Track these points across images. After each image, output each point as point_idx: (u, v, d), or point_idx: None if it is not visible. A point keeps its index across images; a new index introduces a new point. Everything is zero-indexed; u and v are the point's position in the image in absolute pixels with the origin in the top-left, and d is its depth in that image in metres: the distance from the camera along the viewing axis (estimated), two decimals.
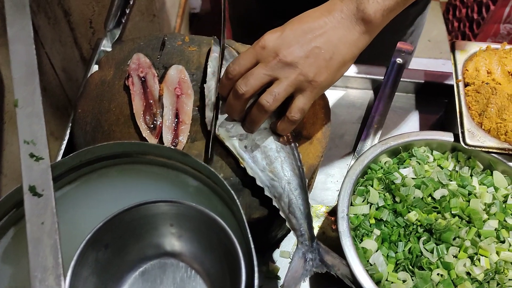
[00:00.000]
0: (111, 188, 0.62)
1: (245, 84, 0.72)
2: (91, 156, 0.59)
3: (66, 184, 0.60)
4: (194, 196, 0.62)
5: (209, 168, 0.57)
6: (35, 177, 0.55)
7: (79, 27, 1.17)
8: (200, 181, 0.60)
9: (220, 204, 0.60)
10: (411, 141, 0.88)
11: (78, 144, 0.83)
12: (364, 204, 0.82)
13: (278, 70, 0.71)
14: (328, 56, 0.71)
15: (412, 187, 0.82)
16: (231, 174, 0.81)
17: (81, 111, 0.86)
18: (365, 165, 0.84)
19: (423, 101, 1.08)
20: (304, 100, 0.73)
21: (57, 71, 1.11)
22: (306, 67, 0.71)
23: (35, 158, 0.56)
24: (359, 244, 0.79)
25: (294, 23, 0.73)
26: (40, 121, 0.59)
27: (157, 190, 0.62)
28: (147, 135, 0.83)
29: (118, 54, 0.93)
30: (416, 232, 0.79)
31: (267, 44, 0.72)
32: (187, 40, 0.95)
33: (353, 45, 0.72)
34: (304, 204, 0.76)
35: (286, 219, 0.74)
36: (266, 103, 0.71)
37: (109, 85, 0.89)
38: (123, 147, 0.59)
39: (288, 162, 0.78)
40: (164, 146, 0.58)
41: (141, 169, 0.62)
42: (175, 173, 0.61)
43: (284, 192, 0.76)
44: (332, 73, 0.73)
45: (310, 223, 0.75)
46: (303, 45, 0.71)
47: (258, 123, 0.76)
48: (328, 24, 0.72)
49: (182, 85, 0.87)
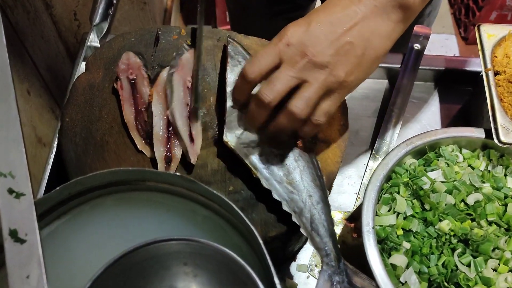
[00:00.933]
0: (107, 220, 0.53)
1: (270, 90, 0.62)
2: (82, 187, 0.50)
3: (54, 220, 0.51)
4: (204, 226, 0.53)
5: (221, 198, 0.49)
6: (16, 218, 0.46)
7: (62, 20, 1.06)
8: (210, 210, 0.52)
9: (235, 235, 0.51)
10: (438, 139, 0.79)
11: (68, 158, 0.74)
12: (390, 214, 0.74)
13: (307, 72, 0.62)
14: (360, 52, 0.63)
15: (443, 193, 0.73)
16: (242, 186, 0.72)
17: (69, 120, 0.77)
18: (389, 169, 0.75)
19: (443, 90, 0.99)
20: (331, 102, 0.64)
21: (41, 71, 1.01)
22: (338, 67, 0.62)
23: (15, 195, 0.47)
24: (387, 259, 0.71)
25: (320, 14, 0.64)
26: (19, 147, 0.50)
27: (160, 221, 0.54)
28: (143, 147, 0.74)
29: (106, 53, 0.83)
30: (449, 244, 0.72)
31: (292, 41, 0.62)
32: (183, 33, 0.85)
33: (387, 37, 0.64)
34: (328, 219, 0.67)
35: (308, 237, 0.66)
36: (298, 109, 0.62)
37: (98, 88, 0.80)
38: (118, 175, 0.50)
39: (308, 171, 0.69)
40: (166, 172, 0.49)
41: (141, 197, 0.53)
42: (181, 201, 0.52)
43: (305, 207, 0.67)
44: (364, 71, 0.64)
45: (335, 241, 0.66)
46: (333, 41, 0.62)
47: (286, 132, 0.67)
48: (358, 13, 0.62)
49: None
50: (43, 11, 1.00)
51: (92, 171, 0.73)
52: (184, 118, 0.73)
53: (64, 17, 1.07)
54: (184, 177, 0.49)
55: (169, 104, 0.74)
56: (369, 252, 0.68)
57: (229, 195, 0.71)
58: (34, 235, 0.46)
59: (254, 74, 0.64)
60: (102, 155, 0.75)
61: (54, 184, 0.79)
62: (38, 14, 0.98)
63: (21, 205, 0.47)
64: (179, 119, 0.72)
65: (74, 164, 0.74)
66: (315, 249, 0.66)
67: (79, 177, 0.72)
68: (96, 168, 0.73)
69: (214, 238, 0.51)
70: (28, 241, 0.45)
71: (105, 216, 0.53)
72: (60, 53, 1.09)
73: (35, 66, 0.98)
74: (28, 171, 0.49)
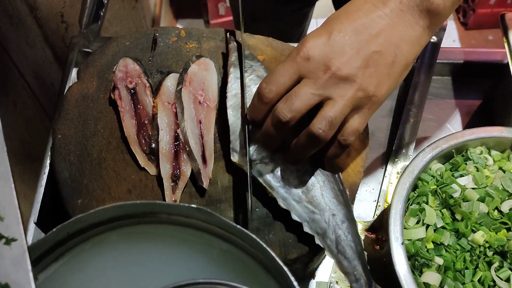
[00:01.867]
0: (112, 259, 0.46)
1: (289, 109, 0.55)
2: (82, 225, 0.44)
3: (51, 263, 0.44)
4: (222, 261, 0.46)
5: (245, 232, 0.42)
6: (8, 269, 0.39)
7: (48, 23, 0.99)
8: (230, 243, 0.45)
9: (261, 272, 0.45)
10: (465, 141, 0.72)
11: (62, 179, 0.67)
12: (419, 227, 0.67)
13: (331, 88, 0.55)
14: (390, 61, 0.56)
15: (476, 201, 0.67)
16: (256, 204, 0.65)
17: (62, 137, 0.70)
18: (415, 177, 0.69)
19: (461, 85, 0.93)
20: (361, 119, 0.58)
21: (27, 79, 0.93)
22: (366, 80, 0.56)
23: (4, 241, 0.40)
24: (419, 278, 0.65)
25: (342, 20, 0.57)
26: (7, 183, 0.43)
27: (172, 257, 0.47)
28: (146, 164, 0.67)
29: (99, 59, 0.76)
30: (485, 257, 0.66)
31: (313, 54, 0.56)
32: (183, 35, 0.78)
33: (416, 43, 0.58)
34: (356, 240, 0.61)
35: (334, 260, 0.60)
36: (321, 132, 0.55)
37: (92, 100, 0.72)
38: (123, 210, 0.43)
39: (329, 186, 0.63)
40: (180, 205, 0.42)
41: (150, 231, 0.46)
42: (195, 233, 0.46)
43: (329, 227, 0.61)
44: (394, 81, 0.58)
45: (365, 264, 0.60)
46: (359, 51, 0.56)
47: (307, 156, 0.60)
48: (384, 18, 0.56)
49: None
50: (27, 14, 0.92)
51: (89, 192, 0.67)
52: (197, 137, 0.66)
53: (50, 20, 0.99)
54: (202, 209, 0.42)
55: (179, 123, 0.67)
56: (400, 271, 0.62)
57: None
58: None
59: (271, 94, 0.57)
60: (99, 174, 0.68)
61: (47, 207, 0.73)
62: (22, 18, 0.90)
63: (12, 252, 0.40)
64: (191, 138, 0.65)
65: (69, 185, 0.67)
66: (343, 273, 0.60)
67: (75, 200, 0.66)
68: (94, 189, 0.67)
69: (235, 275, 0.45)
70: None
71: (109, 254, 0.46)
72: (47, 58, 1.01)
73: (20, 74, 0.91)
74: (19, 212, 0.42)
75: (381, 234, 0.78)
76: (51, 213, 0.75)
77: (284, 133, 0.58)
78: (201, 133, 0.67)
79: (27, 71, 0.93)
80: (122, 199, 0.66)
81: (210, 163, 0.66)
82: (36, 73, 0.97)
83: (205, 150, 0.66)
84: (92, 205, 0.66)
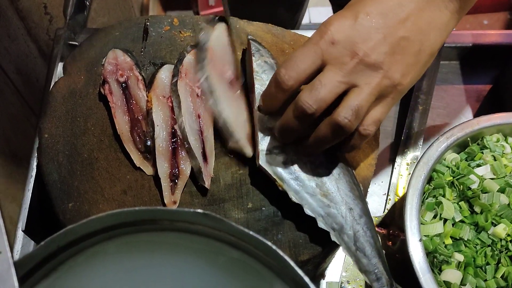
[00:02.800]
0: (109, 272, 0.41)
1: (314, 98, 0.51)
2: (75, 236, 0.38)
3: (40, 280, 0.39)
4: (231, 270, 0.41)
5: (259, 239, 0.37)
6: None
7: (31, 15, 0.93)
8: (241, 251, 0.40)
9: (277, 282, 0.40)
10: (481, 128, 0.68)
11: (51, 182, 0.62)
12: (436, 221, 0.63)
13: (358, 75, 0.51)
14: (417, 48, 0.52)
15: (496, 192, 0.63)
16: (262, 202, 0.61)
17: (49, 136, 0.64)
18: (430, 168, 0.65)
19: (470, 70, 0.88)
20: (383, 109, 0.54)
21: (10, 75, 0.88)
22: (393, 67, 0.52)
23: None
24: (438, 276, 0.60)
25: (367, 3, 0.52)
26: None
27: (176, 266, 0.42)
28: (141, 163, 0.62)
29: (87, 52, 0.70)
30: (507, 251, 0.62)
31: (338, 38, 0.51)
32: (176, 23, 0.73)
33: (443, 29, 0.54)
34: (374, 236, 0.57)
35: (352, 258, 0.56)
36: (347, 121, 0.51)
37: (81, 95, 0.67)
38: (121, 218, 0.38)
39: (345, 180, 0.59)
40: (185, 210, 0.38)
41: (151, 240, 0.41)
42: (201, 240, 0.41)
43: (346, 222, 0.56)
44: (419, 69, 0.54)
45: (385, 262, 0.57)
46: (387, 36, 0.51)
47: (326, 148, 0.56)
48: (412, 2, 0.52)
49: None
50: (7, 6, 0.86)
51: (81, 195, 0.62)
52: (196, 133, 0.61)
53: (33, 11, 0.93)
54: (210, 215, 0.37)
55: (176, 118, 0.62)
56: (420, 270, 0.58)
57: (248, 214, 0.60)
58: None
59: (291, 80, 0.52)
60: (91, 175, 0.62)
61: (36, 212, 0.68)
62: (2, 10, 0.84)
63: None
64: (191, 135, 0.60)
65: (58, 188, 0.62)
66: (361, 272, 0.56)
67: (65, 204, 0.61)
68: (86, 191, 0.61)
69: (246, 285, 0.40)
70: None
71: (106, 267, 0.41)
72: (31, 53, 0.95)
73: (2, 70, 0.85)
74: (2, 221, 0.37)
75: (392, 229, 0.74)
76: (41, 217, 0.70)
77: (307, 125, 0.54)
78: (201, 128, 0.62)
79: (10, 66, 0.87)
80: (117, 200, 0.61)
81: (211, 160, 0.61)
82: (20, 69, 0.91)
83: (205, 147, 0.61)
84: (84, 208, 0.61)
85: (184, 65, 0.66)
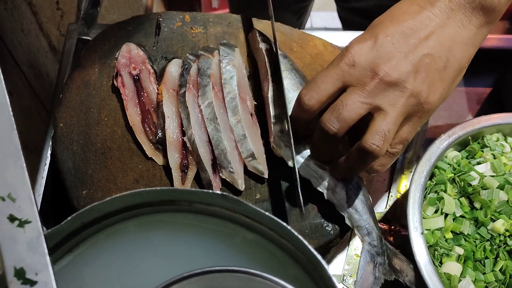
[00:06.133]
0: (129, 249, 0.43)
1: (336, 119, 0.51)
2: (98, 214, 0.40)
3: (65, 254, 0.41)
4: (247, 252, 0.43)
5: (275, 219, 0.39)
6: (22, 253, 0.36)
7: (43, 10, 0.95)
8: (257, 233, 0.42)
9: (292, 266, 0.42)
10: (481, 128, 0.71)
11: (66, 169, 0.64)
12: (437, 216, 0.65)
13: (380, 96, 0.51)
14: (441, 65, 0.52)
15: (495, 189, 0.65)
16: (270, 193, 0.63)
17: (64, 126, 0.66)
18: (433, 165, 0.67)
19: (471, 72, 0.89)
20: (410, 129, 0.54)
21: (23, 68, 0.89)
22: (418, 86, 0.51)
23: (18, 223, 0.37)
24: (439, 268, 0.62)
25: (387, 24, 0.53)
26: (18, 162, 0.40)
27: (192, 246, 0.44)
28: (153, 153, 0.64)
29: (101, 45, 0.72)
30: (505, 246, 0.64)
31: (359, 60, 0.52)
32: (188, 19, 0.75)
33: (469, 44, 0.54)
34: (366, 195, 0.61)
35: (345, 215, 0.60)
36: (375, 147, 0.51)
37: (95, 87, 0.69)
38: (142, 197, 0.40)
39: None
40: (204, 191, 0.40)
41: (168, 220, 0.43)
42: (218, 222, 0.43)
43: (338, 182, 0.60)
44: (447, 86, 0.54)
45: (375, 218, 0.61)
46: (409, 55, 0.51)
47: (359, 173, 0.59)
48: (433, 20, 0.52)
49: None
50: (21, 0, 0.88)
51: (94, 183, 0.64)
52: (206, 144, 0.62)
53: (45, 7, 0.95)
54: (229, 197, 0.39)
55: (185, 130, 0.63)
56: (421, 262, 0.60)
57: (257, 205, 0.62)
58: (46, 273, 0.36)
59: (312, 101, 0.53)
60: (104, 164, 0.64)
61: (49, 201, 0.69)
62: (16, 4, 0.86)
63: (26, 235, 0.37)
64: (201, 147, 0.61)
65: (73, 176, 0.64)
66: (354, 228, 0.60)
67: (79, 191, 0.63)
68: (99, 179, 0.63)
69: (263, 267, 0.42)
70: (40, 282, 0.36)
71: (126, 244, 0.43)
72: (42, 47, 0.97)
73: (16, 63, 0.87)
74: (32, 192, 0.39)
75: (394, 225, 0.76)
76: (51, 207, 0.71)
77: (335, 145, 0.55)
78: (210, 139, 0.63)
79: (23, 60, 0.89)
80: (129, 189, 0.63)
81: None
82: (31, 62, 0.93)
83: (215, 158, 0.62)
84: (98, 196, 0.62)
85: (191, 76, 0.67)
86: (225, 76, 0.65)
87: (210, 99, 0.64)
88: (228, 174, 0.61)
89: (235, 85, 0.65)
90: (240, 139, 0.62)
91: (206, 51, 0.70)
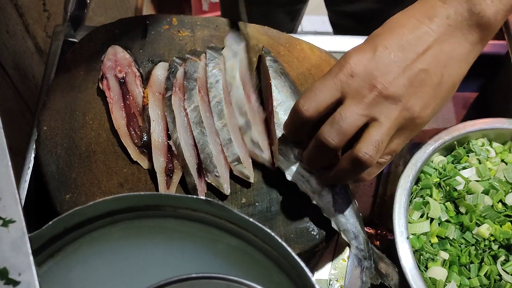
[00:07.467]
0: (112, 254, 0.43)
1: (336, 132, 0.51)
2: (81, 218, 0.40)
3: (46, 259, 0.41)
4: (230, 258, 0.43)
5: (259, 226, 0.39)
6: (6, 253, 0.36)
7: (29, 12, 0.94)
8: (241, 239, 0.42)
9: (277, 272, 0.42)
10: (467, 133, 0.71)
11: (49, 173, 0.63)
12: (423, 220, 0.65)
13: (377, 108, 0.51)
14: (436, 81, 0.53)
15: (480, 194, 0.65)
16: (256, 198, 0.62)
17: (47, 129, 0.65)
18: (418, 169, 0.67)
19: None
20: (400, 141, 0.54)
21: (8, 70, 0.88)
22: (412, 100, 0.52)
23: (1, 222, 0.37)
24: (425, 273, 0.63)
25: (386, 36, 0.53)
26: (3, 161, 0.40)
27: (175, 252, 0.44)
28: (138, 157, 0.63)
29: (87, 48, 0.72)
30: (490, 250, 0.64)
31: (357, 70, 0.52)
32: (175, 23, 0.75)
33: (463, 61, 0.54)
34: (352, 200, 0.61)
35: (332, 218, 0.60)
36: (368, 157, 0.51)
37: (80, 90, 0.69)
38: (126, 202, 0.40)
39: None
40: (189, 197, 0.39)
41: (152, 225, 0.43)
42: (202, 228, 0.42)
43: (324, 186, 0.60)
44: (440, 102, 0.54)
45: (362, 222, 0.61)
46: (406, 69, 0.52)
47: (348, 181, 0.59)
48: (431, 35, 0.52)
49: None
50: (7, 1, 0.87)
51: (78, 186, 0.63)
52: (191, 148, 0.62)
53: (32, 8, 0.94)
54: (213, 202, 0.39)
55: (171, 134, 0.62)
56: (406, 267, 0.60)
57: (242, 209, 0.62)
58: (30, 274, 0.35)
59: (310, 111, 0.53)
60: (89, 167, 0.64)
61: (32, 205, 0.68)
62: (2, 6, 0.85)
63: (10, 235, 0.36)
64: (186, 151, 0.61)
65: (56, 179, 0.63)
66: (340, 231, 0.60)
67: (63, 195, 0.62)
68: (83, 183, 0.63)
69: (247, 273, 0.42)
70: (23, 282, 0.35)
71: (109, 250, 0.43)
72: (28, 49, 0.96)
73: (1, 64, 0.86)
74: (17, 192, 0.39)
75: (380, 229, 0.77)
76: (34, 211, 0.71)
77: (331, 157, 0.55)
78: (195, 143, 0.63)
79: (8, 61, 0.88)
80: (114, 193, 0.62)
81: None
82: (17, 64, 0.92)
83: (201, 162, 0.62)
84: (81, 200, 0.62)
85: (178, 79, 0.67)
86: (211, 80, 0.65)
87: (196, 103, 0.64)
88: (214, 178, 0.61)
89: (221, 89, 0.65)
90: (226, 143, 0.62)
91: (193, 54, 0.70)
